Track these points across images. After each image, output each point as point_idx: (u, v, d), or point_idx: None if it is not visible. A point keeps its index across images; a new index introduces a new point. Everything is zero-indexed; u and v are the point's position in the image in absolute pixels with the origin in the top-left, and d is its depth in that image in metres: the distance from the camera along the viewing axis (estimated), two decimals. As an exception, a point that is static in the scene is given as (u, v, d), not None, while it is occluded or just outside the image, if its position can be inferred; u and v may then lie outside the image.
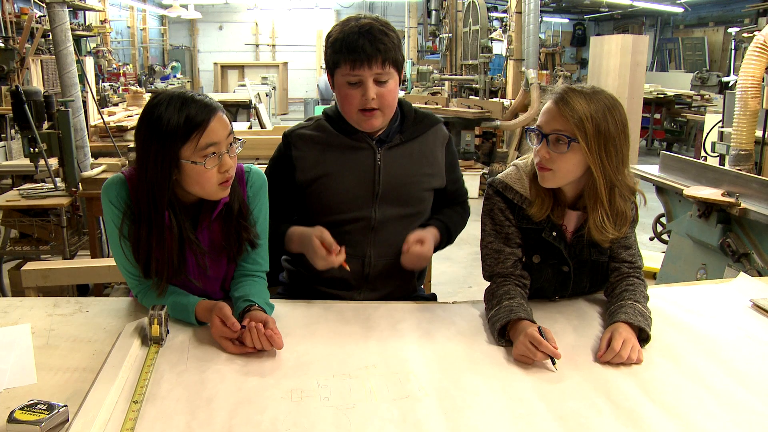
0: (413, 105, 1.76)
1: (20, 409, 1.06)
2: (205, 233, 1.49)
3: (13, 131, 5.58)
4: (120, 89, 9.39)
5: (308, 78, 17.62)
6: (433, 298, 1.87)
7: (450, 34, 11.11)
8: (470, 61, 9.95)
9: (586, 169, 1.44)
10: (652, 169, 3.38)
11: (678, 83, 12.03)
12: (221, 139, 1.38)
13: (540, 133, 1.45)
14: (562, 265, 1.56)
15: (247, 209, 1.52)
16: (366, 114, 1.57)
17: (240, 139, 1.44)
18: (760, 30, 3.75)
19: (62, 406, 1.08)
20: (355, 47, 1.52)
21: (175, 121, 1.34)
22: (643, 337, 1.40)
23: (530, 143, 1.49)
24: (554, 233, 1.53)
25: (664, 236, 3.96)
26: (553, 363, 1.30)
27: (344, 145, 1.65)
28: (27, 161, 3.63)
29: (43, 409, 1.06)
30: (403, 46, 1.66)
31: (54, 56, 3.86)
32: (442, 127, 1.76)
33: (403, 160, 1.67)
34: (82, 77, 4.51)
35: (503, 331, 1.41)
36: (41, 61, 6.76)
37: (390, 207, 1.66)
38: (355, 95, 1.55)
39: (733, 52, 13.23)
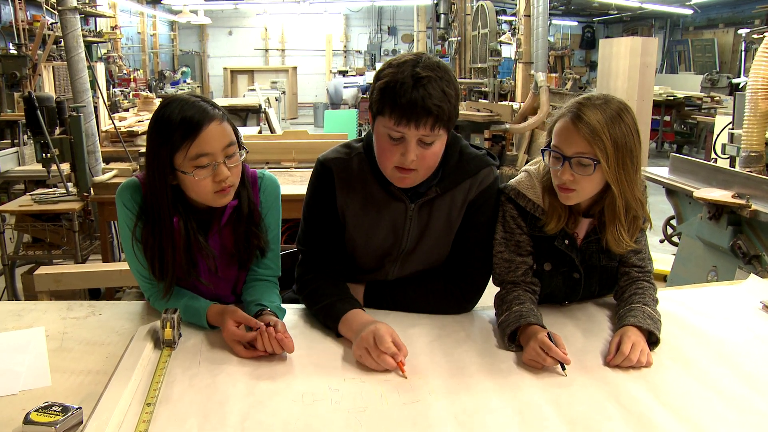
0: (464, 142, 1.56)
1: (36, 410, 1.08)
2: (216, 238, 1.50)
3: (25, 137, 5.65)
4: (130, 94, 9.49)
5: (318, 82, 17.66)
6: None
7: (459, 38, 11.11)
8: (479, 65, 9.95)
9: (605, 183, 1.43)
10: (662, 172, 3.37)
11: (688, 85, 11.99)
12: (215, 150, 1.35)
13: (561, 155, 1.41)
14: (573, 272, 1.56)
15: (258, 216, 1.52)
16: (402, 172, 1.41)
17: (243, 148, 1.41)
18: (770, 31, 3.73)
19: (77, 408, 1.09)
20: (405, 101, 1.31)
21: (170, 125, 1.33)
22: (653, 341, 1.40)
23: (547, 163, 1.47)
24: (567, 241, 1.52)
25: (675, 238, 3.94)
26: (563, 368, 1.30)
27: (376, 196, 1.52)
28: (39, 166, 3.68)
29: (58, 411, 1.08)
30: (460, 101, 1.41)
31: (66, 62, 3.90)
32: (488, 170, 1.55)
33: (435, 219, 1.54)
34: (94, 83, 4.54)
35: (513, 336, 1.41)
36: (53, 67, 6.83)
37: (412, 264, 1.59)
38: (394, 151, 1.38)
39: (743, 53, 13.13)
